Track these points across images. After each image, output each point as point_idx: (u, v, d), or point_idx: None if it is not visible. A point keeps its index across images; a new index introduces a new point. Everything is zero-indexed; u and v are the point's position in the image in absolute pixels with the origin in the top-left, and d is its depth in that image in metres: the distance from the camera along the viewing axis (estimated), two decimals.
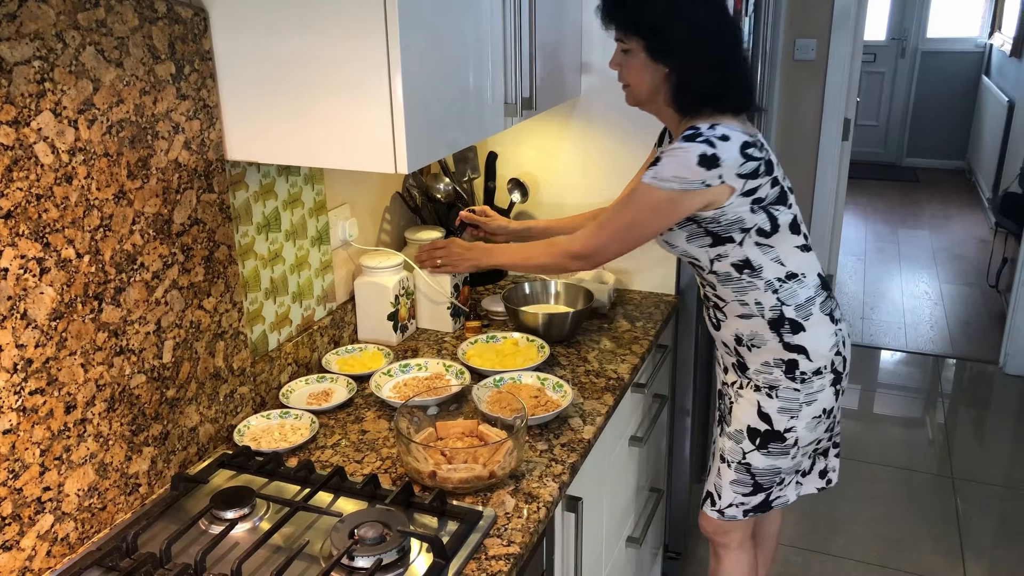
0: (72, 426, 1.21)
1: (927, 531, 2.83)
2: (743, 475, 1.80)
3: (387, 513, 1.26)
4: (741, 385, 1.80)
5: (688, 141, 1.53)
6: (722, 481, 1.84)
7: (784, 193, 1.63)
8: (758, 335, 1.71)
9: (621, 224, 1.62)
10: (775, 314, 1.68)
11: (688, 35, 1.55)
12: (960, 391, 3.85)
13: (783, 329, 1.69)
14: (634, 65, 1.61)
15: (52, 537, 1.20)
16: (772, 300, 1.68)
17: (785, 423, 1.74)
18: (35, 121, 1.10)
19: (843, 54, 4.03)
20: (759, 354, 1.73)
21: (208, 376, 1.49)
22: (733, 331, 1.75)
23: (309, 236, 1.78)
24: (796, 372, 1.71)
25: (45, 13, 1.10)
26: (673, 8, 1.55)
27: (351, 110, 1.33)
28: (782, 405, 1.73)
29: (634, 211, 1.60)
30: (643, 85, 1.62)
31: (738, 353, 1.77)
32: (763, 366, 1.73)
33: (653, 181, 1.56)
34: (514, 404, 1.52)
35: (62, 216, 1.16)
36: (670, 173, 1.54)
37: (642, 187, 1.58)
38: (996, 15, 6.75)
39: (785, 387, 1.72)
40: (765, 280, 1.66)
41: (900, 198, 6.70)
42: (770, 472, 1.79)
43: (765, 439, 1.76)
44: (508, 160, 2.28)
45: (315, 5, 1.29)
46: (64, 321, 1.18)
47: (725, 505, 1.84)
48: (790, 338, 1.69)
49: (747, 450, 1.78)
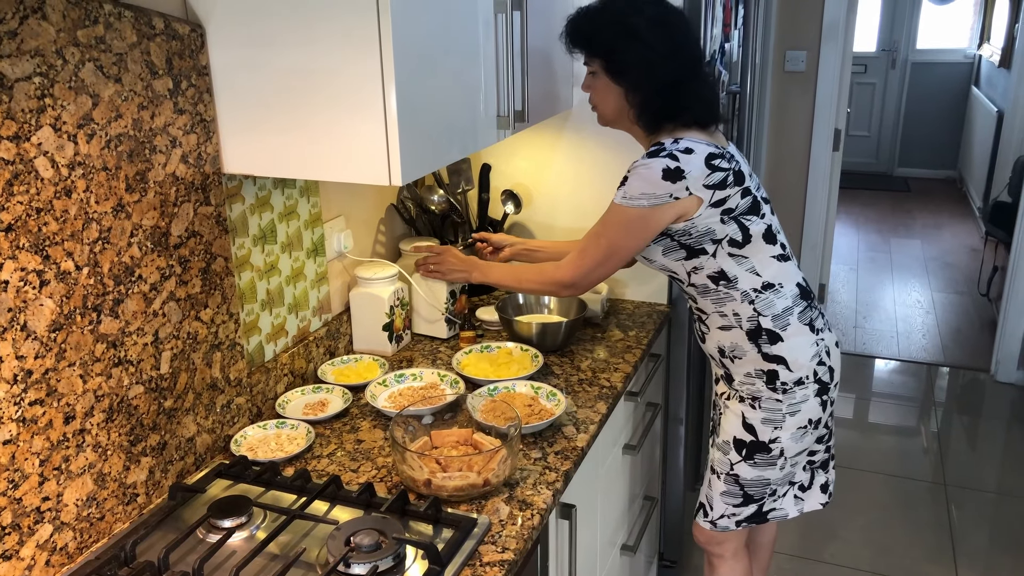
0: (71, 436, 1.23)
1: (920, 538, 2.84)
2: (732, 486, 1.82)
3: (383, 521, 1.28)
4: (728, 396, 1.82)
5: (651, 157, 1.58)
6: (713, 492, 1.85)
7: (757, 203, 1.65)
8: (738, 346, 1.73)
9: (600, 249, 1.65)
10: (752, 324, 1.70)
11: (640, 56, 1.60)
12: (952, 399, 3.88)
13: (761, 340, 1.70)
14: (599, 87, 1.67)
15: (51, 547, 1.21)
16: (749, 311, 1.69)
17: (769, 434, 1.75)
18: (35, 136, 1.12)
19: (833, 65, 4.06)
20: (741, 365, 1.75)
21: (205, 387, 1.50)
22: (716, 343, 1.77)
23: (305, 248, 1.80)
24: (777, 383, 1.72)
25: (45, 30, 1.12)
26: (626, 30, 1.60)
27: (346, 123, 1.35)
28: (765, 416, 1.74)
29: (610, 234, 1.64)
30: (607, 105, 1.68)
31: (723, 364, 1.79)
32: (746, 377, 1.75)
33: (623, 201, 1.60)
34: (508, 413, 1.53)
35: (62, 229, 1.18)
36: (637, 191, 1.58)
37: (613, 208, 1.62)
38: (984, 26, 6.82)
39: (767, 397, 1.73)
40: (741, 291, 1.67)
41: (892, 208, 6.74)
42: (758, 483, 1.80)
43: (751, 450, 1.77)
44: (501, 172, 2.30)
45: (310, 20, 1.31)
46: (63, 332, 1.19)
47: (717, 516, 1.85)
48: (768, 348, 1.70)
49: (734, 461, 1.79)
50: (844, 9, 3.99)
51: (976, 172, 6.48)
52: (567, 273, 1.69)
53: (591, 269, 1.67)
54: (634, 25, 1.59)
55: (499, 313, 1.99)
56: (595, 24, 1.63)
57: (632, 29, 1.59)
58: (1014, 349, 3.90)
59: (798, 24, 4.09)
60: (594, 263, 1.66)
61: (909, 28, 7.27)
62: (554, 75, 1.99)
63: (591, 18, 1.64)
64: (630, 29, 1.59)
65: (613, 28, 1.61)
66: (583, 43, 1.66)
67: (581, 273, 1.68)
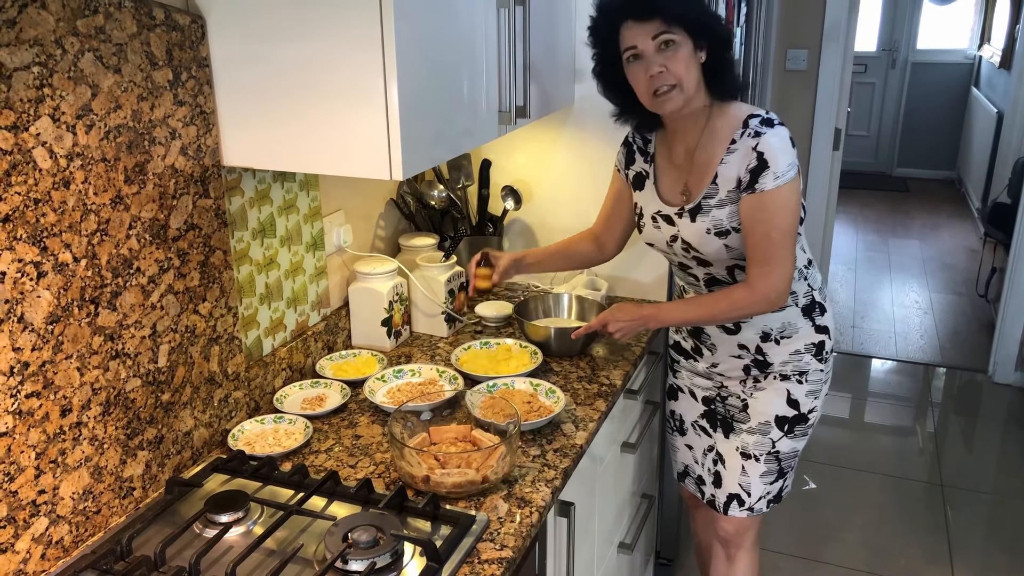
0: (67, 429, 1.22)
1: (916, 539, 2.84)
2: (772, 464, 1.83)
3: (380, 517, 1.27)
4: (758, 379, 1.80)
5: (767, 126, 1.56)
6: (750, 478, 1.84)
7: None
8: (790, 324, 1.74)
9: (779, 246, 1.57)
10: (808, 300, 1.74)
11: (716, 20, 1.59)
12: (949, 399, 3.88)
13: (814, 313, 1.75)
14: (682, 57, 1.54)
15: (47, 540, 1.21)
16: (804, 287, 1.74)
17: (810, 404, 1.80)
18: (34, 126, 1.11)
19: (834, 65, 4.06)
20: (789, 344, 1.75)
21: (203, 380, 1.49)
22: (759, 328, 1.75)
23: (304, 242, 1.79)
24: (824, 353, 1.78)
25: (45, 19, 1.11)
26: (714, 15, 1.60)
27: (347, 117, 1.34)
28: (810, 388, 1.79)
29: (780, 224, 1.56)
30: (692, 78, 1.56)
31: (760, 351, 1.77)
32: (792, 356, 1.76)
33: (779, 181, 1.54)
34: (507, 409, 1.53)
35: (60, 220, 1.17)
36: (785, 164, 1.55)
37: (770, 196, 1.55)
38: (985, 27, 6.82)
39: (815, 370, 1.78)
40: (798, 268, 1.70)
41: (890, 208, 6.74)
42: (793, 455, 1.84)
43: (792, 424, 1.80)
44: (502, 167, 2.30)
45: (311, 12, 1.30)
46: (60, 325, 1.19)
47: (755, 500, 1.85)
48: (820, 320, 1.76)
49: (776, 439, 1.81)
50: (846, 9, 3.99)
51: (975, 173, 6.48)
52: (766, 287, 1.58)
53: (783, 270, 1.58)
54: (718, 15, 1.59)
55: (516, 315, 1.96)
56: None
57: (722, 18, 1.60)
58: (1012, 350, 3.91)
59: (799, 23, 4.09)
60: (780, 262, 1.57)
61: (910, 28, 7.27)
62: (556, 71, 1.99)
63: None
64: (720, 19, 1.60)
65: (714, 16, 1.59)
66: (667, 7, 1.52)
67: (776, 278, 1.58)
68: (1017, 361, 3.91)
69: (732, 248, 1.64)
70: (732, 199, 1.60)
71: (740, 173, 1.58)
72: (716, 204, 1.62)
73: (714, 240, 1.64)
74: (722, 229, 1.63)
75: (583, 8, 2.04)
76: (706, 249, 1.66)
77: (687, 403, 1.97)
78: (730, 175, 1.60)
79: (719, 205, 1.62)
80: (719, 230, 1.63)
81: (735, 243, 1.63)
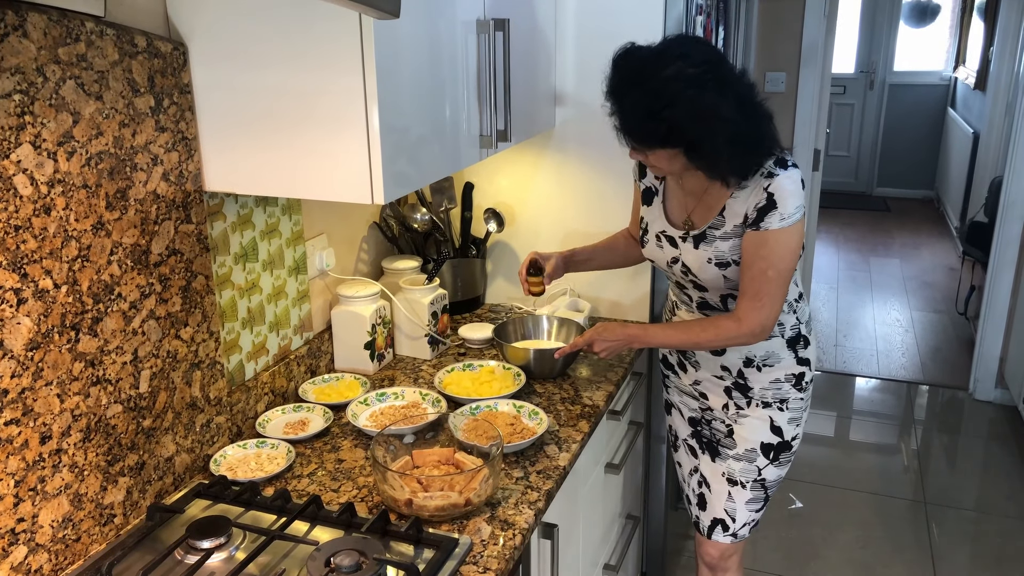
0: (47, 456, 1.21)
1: (901, 556, 2.85)
2: (758, 491, 1.85)
3: (363, 541, 1.27)
4: (740, 406, 1.82)
5: (781, 167, 1.56)
6: (736, 504, 1.85)
7: None
8: (773, 354, 1.76)
9: (773, 283, 1.59)
10: (794, 332, 1.76)
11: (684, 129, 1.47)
12: (932, 417, 3.90)
13: (798, 346, 1.77)
14: (661, 157, 1.55)
15: (26, 569, 1.19)
16: (792, 319, 1.75)
17: (792, 431, 1.82)
18: (15, 153, 1.12)
19: (812, 87, 4.12)
20: (770, 372, 1.77)
21: (185, 406, 1.49)
22: (743, 353, 1.77)
23: (286, 266, 1.79)
24: (803, 383, 1.80)
25: (26, 48, 1.11)
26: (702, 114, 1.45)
27: (328, 142, 1.35)
28: (792, 416, 1.81)
29: (779, 264, 1.58)
30: (678, 165, 1.57)
31: (742, 375, 1.79)
32: (772, 383, 1.78)
33: (784, 223, 1.55)
34: (490, 432, 1.53)
35: (40, 247, 1.17)
36: (792, 206, 1.55)
37: (775, 236, 1.56)
38: (960, 49, 6.93)
39: (795, 398, 1.80)
40: (788, 302, 1.72)
41: (871, 227, 6.81)
42: (777, 482, 1.86)
43: (777, 451, 1.82)
44: (484, 190, 2.31)
45: (293, 39, 1.31)
46: (41, 351, 1.18)
47: (740, 526, 1.87)
48: (802, 353, 1.78)
49: (762, 466, 1.82)
50: (823, 31, 4.05)
51: (953, 192, 6.56)
52: (754, 322, 1.60)
53: (773, 307, 1.60)
54: (706, 104, 1.45)
55: (496, 337, 1.96)
56: (664, 118, 1.46)
57: (707, 110, 1.45)
58: (992, 367, 3.94)
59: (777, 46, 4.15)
60: (772, 300, 1.60)
61: (886, 50, 7.39)
62: (536, 95, 2.01)
63: (654, 112, 1.46)
64: (705, 112, 1.45)
65: (688, 117, 1.45)
66: (659, 141, 1.50)
67: (765, 314, 1.60)
68: (997, 378, 3.95)
69: (730, 280, 1.67)
70: (736, 233, 1.62)
71: (748, 210, 1.59)
72: (720, 236, 1.64)
73: (714, 270, 1.66)
74: (723, 260, 1.65)
75: (563, 32, 2.07)
76: (704, 276, 1.69)
77: (678, 420, 1.99)
78: (738, 210, 1.61)
79: (723, 237, 1.63)
80: (720, 261, 1.65)
81: (733, 275, 1.66)
